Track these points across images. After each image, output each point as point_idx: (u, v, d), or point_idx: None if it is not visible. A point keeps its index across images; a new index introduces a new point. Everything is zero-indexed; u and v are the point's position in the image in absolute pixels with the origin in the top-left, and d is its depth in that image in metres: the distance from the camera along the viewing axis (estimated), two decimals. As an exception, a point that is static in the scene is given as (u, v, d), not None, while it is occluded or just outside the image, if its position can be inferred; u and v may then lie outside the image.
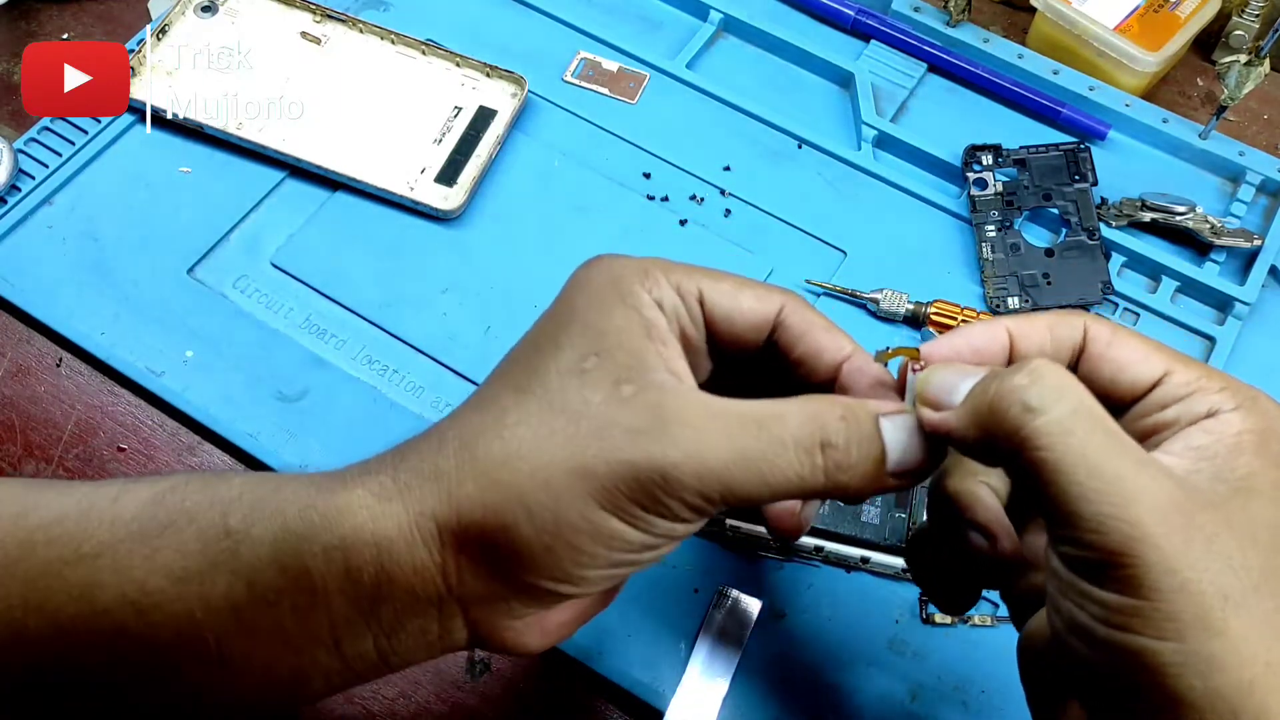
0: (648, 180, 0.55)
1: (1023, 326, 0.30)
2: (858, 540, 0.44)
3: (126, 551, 0.29)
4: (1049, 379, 0.26)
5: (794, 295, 0.32)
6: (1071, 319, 0.29)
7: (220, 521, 0.29)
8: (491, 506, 0.27)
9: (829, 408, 0.28)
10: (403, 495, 0.28)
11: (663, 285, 0.30)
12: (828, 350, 0.31)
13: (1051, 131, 0.58)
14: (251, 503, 0.29)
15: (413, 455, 0.29)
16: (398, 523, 0.28)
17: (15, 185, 0.52)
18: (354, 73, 0.56)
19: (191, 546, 0.28)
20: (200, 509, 0.29)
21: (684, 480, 0.27)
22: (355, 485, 0.28)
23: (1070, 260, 0.52)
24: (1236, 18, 0.60)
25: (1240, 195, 0.55)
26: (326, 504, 0.28)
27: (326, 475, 0.29)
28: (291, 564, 0.28)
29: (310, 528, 0.28)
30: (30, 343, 0.49)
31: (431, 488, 0.28)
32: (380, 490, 0.28)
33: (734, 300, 0.31)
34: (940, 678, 0.42)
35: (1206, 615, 0.23)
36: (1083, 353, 0.29)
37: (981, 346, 0.29)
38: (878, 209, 0.55)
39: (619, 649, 0.42)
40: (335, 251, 0.51)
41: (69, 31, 0.59)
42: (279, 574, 0.28)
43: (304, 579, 0.28)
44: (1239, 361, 0.51)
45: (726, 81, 0.58)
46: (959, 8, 0.59)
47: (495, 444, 0.28)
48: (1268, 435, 0.26)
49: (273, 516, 0.28)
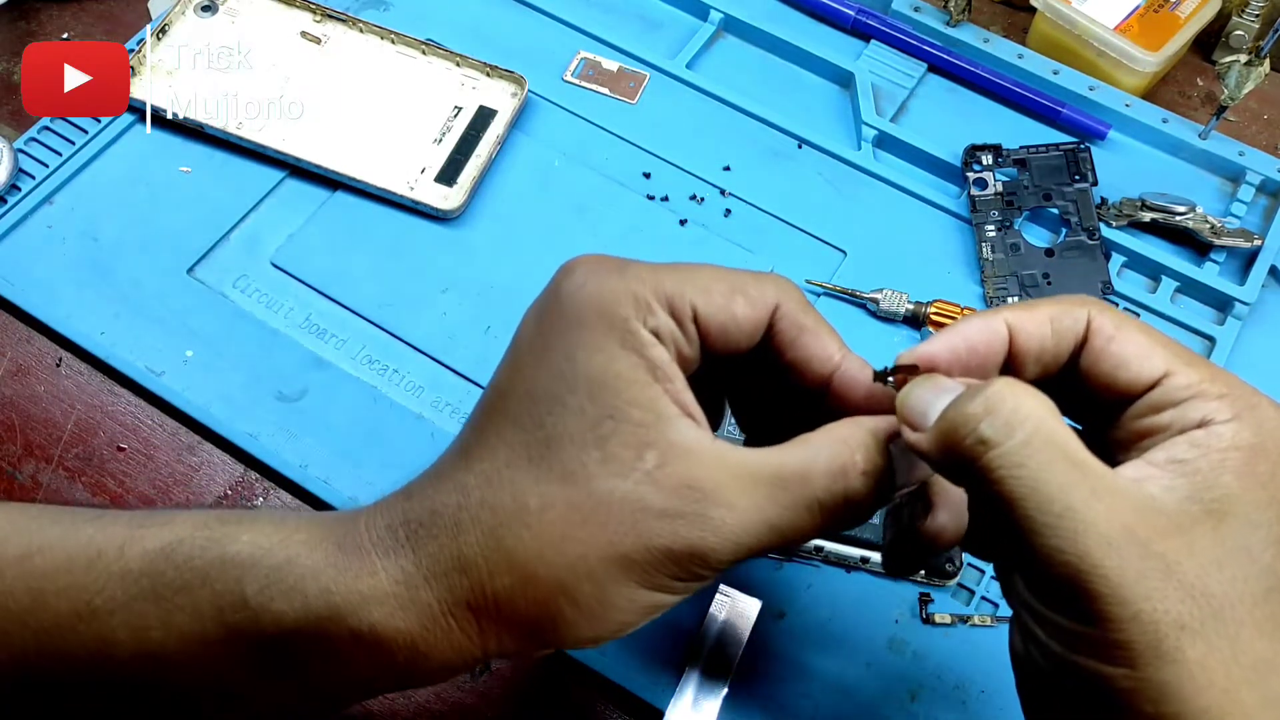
0: (648, 180, 0.55)
1: (1023, 319, 0.28)
2: (858, 540, 0.44)
3: (140, 612, 0.28)
4: (1004, 408, 0.25)
5: (785, 288, 0.31)
6: (1075, 309, 0.28)
7: (236, 589, 0.28)
8: (533, 599, 0.27)
9: (849, 458, 0.28)
10: (430, 585, 0.27)
11: (657, 312, 0.28)
12: (815, 359, 0.31)
13: (1051, 131, 0.58)
14: (268, 572, 0.28)
15: (428, 538, 0.28)
16: (431, 614, 0.27)
17: (15, 185, 0.52)
18: (354, 73, 0.56)
19: (207, 611, 0.28)
20: (213, 571, 0.28)
21: (721, 558, 0.27)
22: (373, 568, 0.28)
23: (1070, 260, 0.52)
24: (1236, 18, 0.60)
25: (1240, 195, 0.55)
26: (348, 590, 0.27)
27: (338, 544, 0.28)
28: (318, 639, 0.28)
29: (334, 611, 0.27)
30: (30, 343, 0.49)
31: (460, 579, 0.27)
32: (404, 578, 0.28)
33: (728, 312, 0.30)
34: (940, 678, 0.42)
35: (1160, 644, 0.23)
36: (1085, 344, 0.28)
37: (980, 344, 0.28)
38: (878, 209, 0.55)
39: (619, 649, 0.42)
40: (335, 251, 0.51)
41: (69, 31, 0.59)
42: (306, 643, 0.28)
43: (332, 655, 0.28)
44: (1239, 361, 0.51)
45: (726, 81, 0.58)
46: (959, 8, 0.59)
47: (525, 535, 0.27)
48: (1257, 453, 0.25)
49: (291, 593, 0.28)
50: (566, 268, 0.30)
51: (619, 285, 0.28)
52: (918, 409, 0.27)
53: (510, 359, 0.30)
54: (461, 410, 0.48)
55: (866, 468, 0.28)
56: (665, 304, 0.29)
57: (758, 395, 0.34)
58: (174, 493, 0.46)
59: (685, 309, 0.29)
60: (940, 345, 0.29)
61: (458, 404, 0.48)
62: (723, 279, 0.30)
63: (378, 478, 0.46)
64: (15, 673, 0.29)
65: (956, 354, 0.28)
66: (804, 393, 0.31)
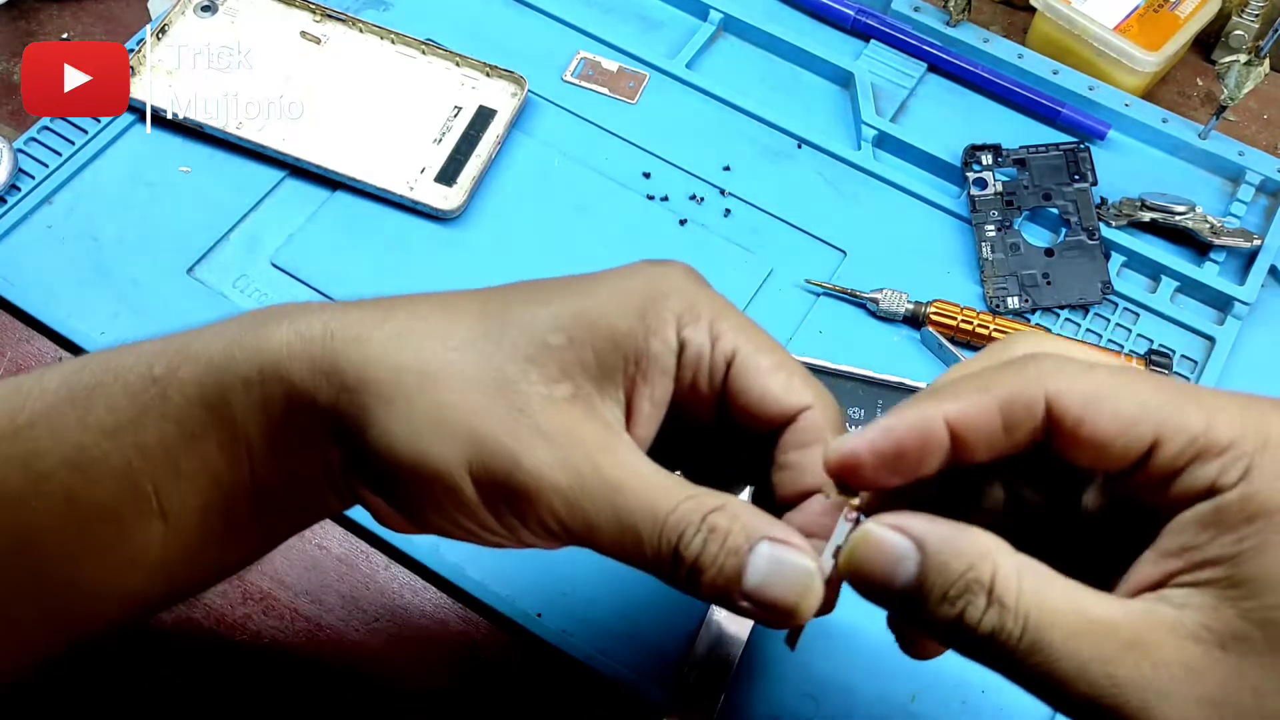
0: (647, 180, 0.55)
1: (968, 414, 0.24)
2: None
3: (60, 415, 0.29)
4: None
5: (824, 399, 0.29)
6: (1030, 390, 0.24)
7: (146, 371, 0.29)
8: (351, 398, 0.27)
9: (696, 510, 0.26)
10: (323, 343, 0.28)
11: (700, 329, 0.28)
12: (809, 473, 0.28)
13: (1051, 131, 0.58)
14: (178, 347, 0.29)
15: (357, 312, 0.29)
16: (312, 368, 0.28)
17: (15, 185, 0.52)
18: (354, 72, 0.56)
19: (120, 400, 0.29)
20: (125, 364, 0.29)
21: (542, 514, 0.26)
22: (284, 321, 0.28)
23: (1070, 260, 0.52)
24: (1236, 18, 0.60)
25: (1240, 195, 0.55)
26: (253, 338, 0.28)
27: (252, 316, 0.29)
28: (215, 400, 0.28)
29: (231, 361, 0.28)
30: (30, 343, 0.49)
31: (355, 351, 0.27)
32: (307, 332, 0.28)
33: (762, 386, 0.28)
34: (940, 678, 0.42)
35: None
36: (1054, 430, 0.24)
37: (910, 447, 0.24)
38: (878, 209, 0.55)
39: (619, 649, 0.42)
40: (335, 251, 0.51)
41: (69, 31, 0.59)
42: (205, 411, 0.28)
43: (225, 412, 0.28)
44: (1239, 361, 0.51)
45: (726, 81, 0.58)
46: (959, 7, 0.59)
47: (429, 355, 0.27)
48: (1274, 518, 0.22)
49: (198, 356, 0.29)
50: (666, 260, 0.30)
51: (693, 290, 0.29)
52: (877, 570, 0.24)
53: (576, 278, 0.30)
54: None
55: (713, 528, 0.26)
56: (713, 332, 0.29)
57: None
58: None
59: (726, 349, 0.29)
60: (864, 445, 0.25)
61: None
62: (776, 349, 0.29)
63: (378, 478, 0.46)
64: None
65: (882, 458, 0.25)
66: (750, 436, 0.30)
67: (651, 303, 0.28)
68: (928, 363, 0.50)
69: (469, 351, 0.27)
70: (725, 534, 0.25)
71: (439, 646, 0.42)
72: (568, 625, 0.43)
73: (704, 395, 0.29)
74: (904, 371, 0.48)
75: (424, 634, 0.43)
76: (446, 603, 0.43)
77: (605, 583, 0.43)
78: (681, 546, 0.25)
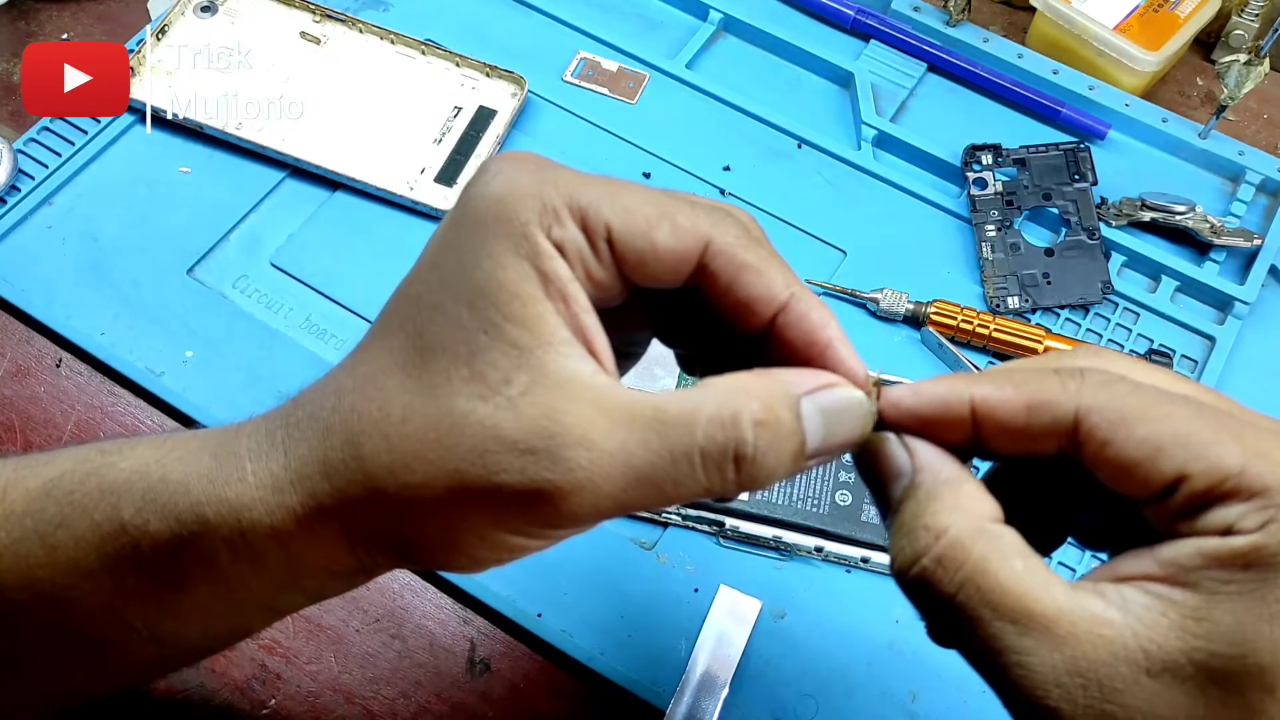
0: (647, 180, 0.55)
1: (992, 402, 0.25)
2: (858, 540, 0.44)
3: (25, 552, 0.28)
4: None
5: (722, 220, 0.26)
6: (1062, 400, 0.24)
7: (114, 516, 0.27)
8: (387, 516, 0.25)
9: (744, 407, 0.24)
10: (294, 488, 0.26)
11: (565, 222, 0.25)
12: (757, 300, 0.26)
13: (1051, 131, 0.58)
14: (143, 493, 0.27)
15: (300, 440, 0.26)
16: (295, 518, 0.26)
17: (15, 185, 0.52)
18: (354, 73, 0.56)
19: (90, 542, 0.28)
20: (90, 501, 0.28)
21: (574, 506, 0.24)
22: (243, 474, 0.26)
23: (1070, 260, 0.52)
24: (1236, 17, 0.60)
25: (1240, 195, 0.55)
26: (218, 499, 0.26)
27: (213, 454, 0.27)
28: (196, 556, 0.27)
29: (205, 525, 0.27)
30: (30, 343, 0.49)
31: (322, 484, 0.25)
32: (272, 481, 0.26)
33: (647, 240, 0.25)
34: (940, 678, 0.42)
35: None
36: (1079, 446, 0.24)
37: (933, 415, 0.25)
38: (878, 209, 0.55)
39: (619, 649, 0.42)
40: (335, 251, 0.51)
41: (69, 31, 0.59)
42: (190, 563, 0.27)
43: (213, 568, 0.27)
44: (1239, 361, 0.51)
45: (726, 81, 0.58)
46: (959, 7, 0.59)
47: (381, 446, 0.24)
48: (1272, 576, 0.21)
49: (165, 511, 0.27)
50: (484, 164, 0.26)
51: (528, 186, 0.25)
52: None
53: (416, 262, 0.27)
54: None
55: (764, 417, 0.24)
56: (578, 216, 0.25)
57: (705, 342, 0.30)
58: (174, 493, 0.46)
59: (599, 226, 0.25)
60: (896, 395, 0.26)
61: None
62: (652, 201, 0.26)
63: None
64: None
65: (906, 414, 0.26)
66: (749, 341, 0.27)
67: (506, 228, 0.25)
68: (928, 363, 0.50)
69: (417, 422, 0.25)
70: (774, 416, 0.24)
71: (439, 646, 0.42)
72: (568, 625, 0.43)
73: (600, 280, 0.26)
74: (904, 371, 0.48)
75: (424, 634, 0.43)
76: (446, 603, 0.43)
77: (605, 583, 0.43)
78: (739, 448, 0.24)
